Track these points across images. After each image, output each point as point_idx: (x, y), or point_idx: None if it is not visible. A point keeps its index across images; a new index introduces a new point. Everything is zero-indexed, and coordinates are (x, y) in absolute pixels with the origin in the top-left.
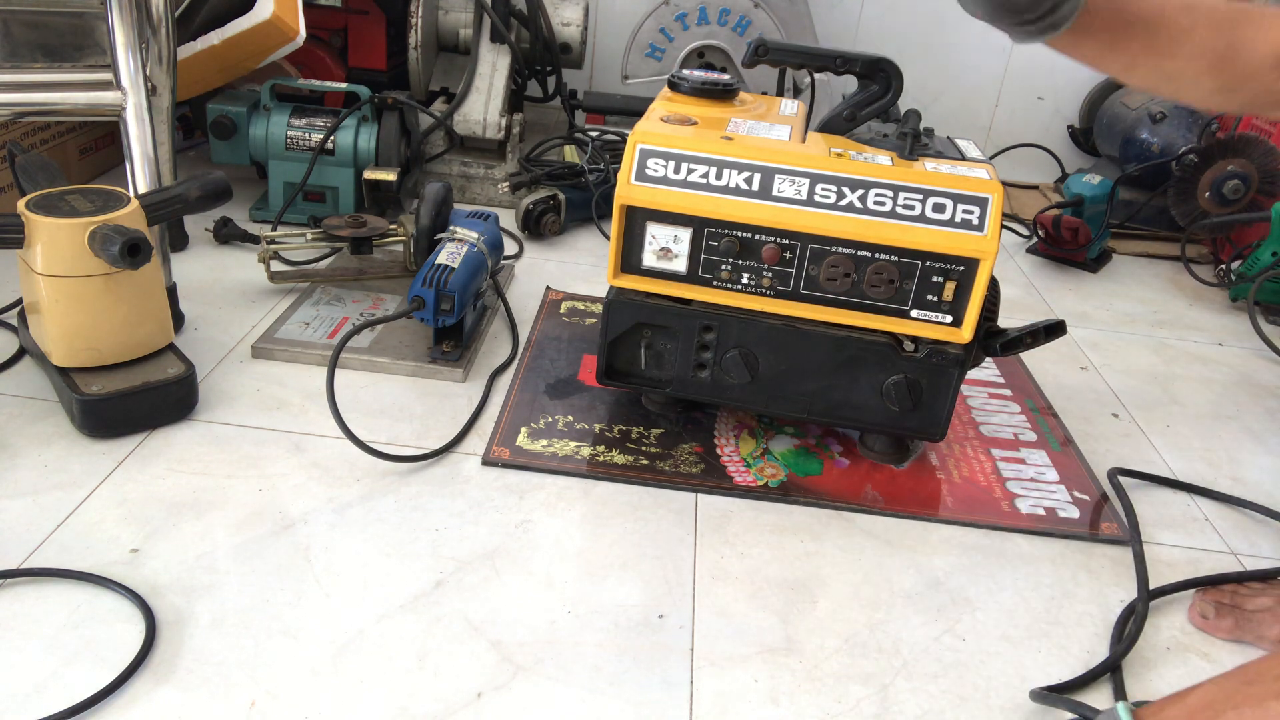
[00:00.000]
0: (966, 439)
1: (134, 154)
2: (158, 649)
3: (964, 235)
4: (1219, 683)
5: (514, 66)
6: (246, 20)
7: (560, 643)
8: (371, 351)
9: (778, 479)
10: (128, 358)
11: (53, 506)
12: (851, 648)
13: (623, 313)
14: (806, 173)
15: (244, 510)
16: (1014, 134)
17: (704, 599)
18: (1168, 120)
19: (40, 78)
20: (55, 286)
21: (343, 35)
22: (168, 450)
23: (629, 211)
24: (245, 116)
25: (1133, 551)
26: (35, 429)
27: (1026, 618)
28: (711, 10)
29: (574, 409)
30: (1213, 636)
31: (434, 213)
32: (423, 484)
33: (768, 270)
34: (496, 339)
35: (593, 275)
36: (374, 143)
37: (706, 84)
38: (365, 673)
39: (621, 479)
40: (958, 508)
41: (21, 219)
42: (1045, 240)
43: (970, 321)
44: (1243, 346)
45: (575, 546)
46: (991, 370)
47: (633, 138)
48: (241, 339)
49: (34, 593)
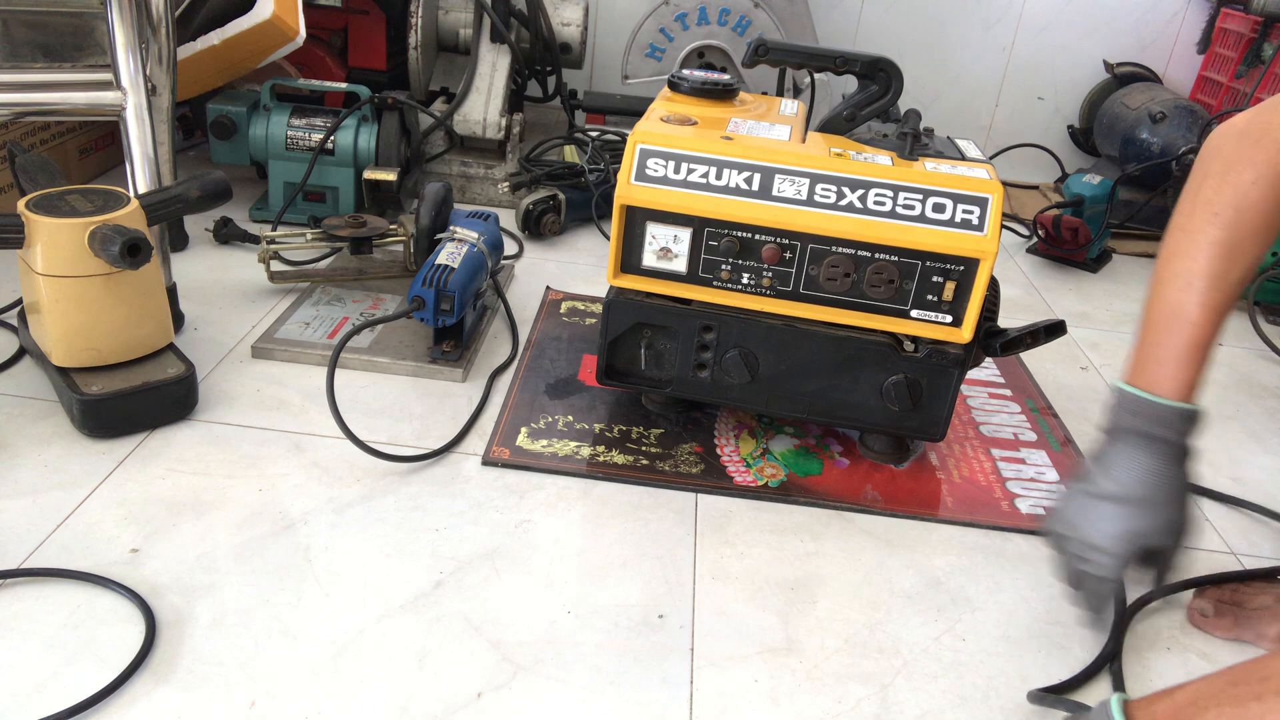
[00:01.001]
0: (966, 439)
1: (134, 154)
2: (158, 649)
3: (964, 235)
4: (1208, 680)
5: (514, 66)
6: (246, 20)
7: (560, 643)
8: (371, 351)
9: (778, 479)
10: (128, 358)
11: (53, 506)
12: (851, 648)
13: (623, 313)
14: (806, 173)
15: (244, 510)
16: (1014, 134)
17: (704, 599)
18: (1168, 120)
19: (40, 78)
20: (55, 286)
21: (343, 35)
22: (168, 450)
23: (629, 211)
24: (245, 116)
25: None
26: (35, 429)
27: (1026, 618)
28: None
29: (574, 409)
30: (1212, 635)
31: (434, 213)
32: (423, 484)
33: (768, 270)
34: (496, 339)
35: (593, 275)
36: (374, 143)
37: (706, 84)
38: (365, 673)
39: (621, 479)
40: (958, 508)
41: (21, 219)
42: (1045, 240)
43: (970, 321)
44: (1243, 346)
45: (575, 546)
46: (991, 370)
47: (633, 138)
48: (241, 339)
49: (34, 593)
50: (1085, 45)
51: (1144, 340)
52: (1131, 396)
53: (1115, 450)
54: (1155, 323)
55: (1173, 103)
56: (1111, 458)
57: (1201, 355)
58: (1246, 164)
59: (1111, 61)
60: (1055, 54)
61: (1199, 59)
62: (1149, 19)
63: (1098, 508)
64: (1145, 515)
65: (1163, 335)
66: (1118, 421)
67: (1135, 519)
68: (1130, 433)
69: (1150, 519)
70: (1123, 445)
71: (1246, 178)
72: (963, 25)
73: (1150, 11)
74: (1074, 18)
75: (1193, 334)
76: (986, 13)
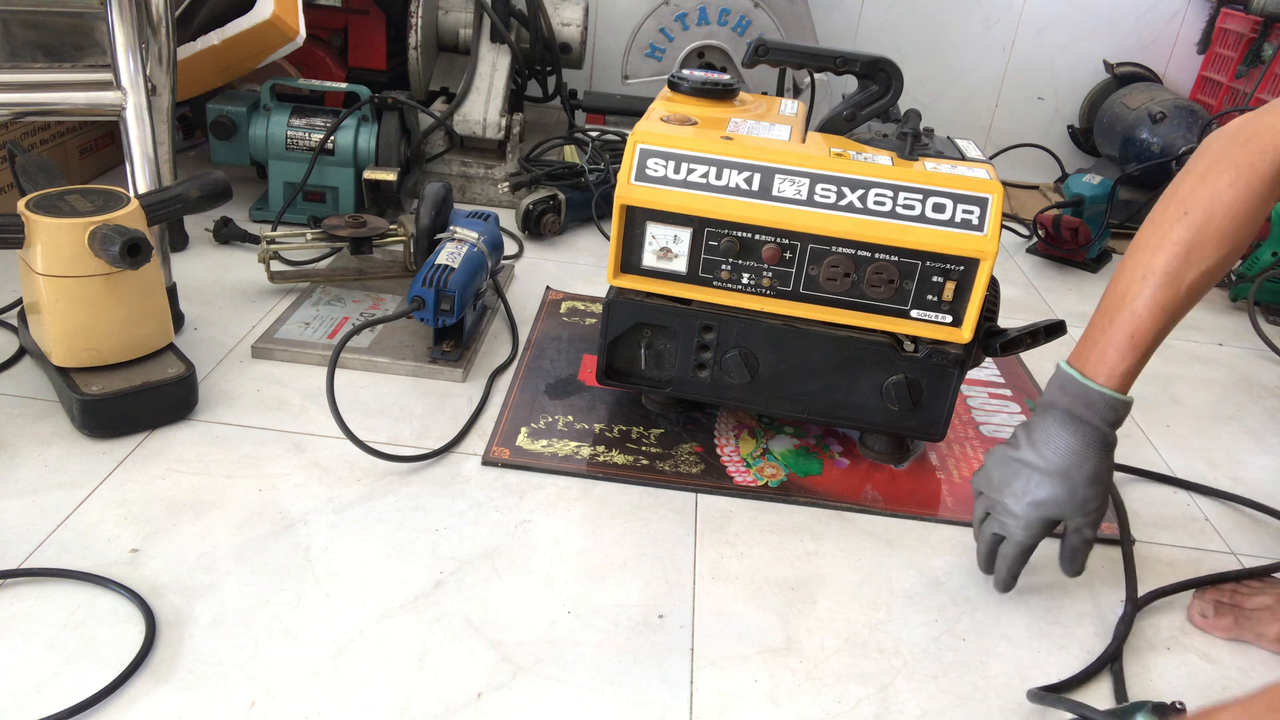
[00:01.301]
0: (966, 439)
1: (134, 154)
2: (158, 649)
3: (964, 235)
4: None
5: (514, 66)
6: (246, 20)
7: (560, 643)
8: (371, 351)
9: (778, 479)
10: (128, 358)
11: (53, 506)
12: (851, 648)
13: (623, 313)
14: (806, 173)
15: (244, 510)
16: (1014, 134)
17: (704, 599)
18: (1168, 120)
19: (40, 78)
20: (55, 286)
21: (343, 35)
22: (168, 450)
23: (629, 211)
24: (245, 116)
25: (1122, 552)
26: (35, 429)
27: (1026, 618)
28: (711, 10)
29: (574, 409)
30: (1212, 635)
31: (434, 213)
32: (423, 484)
33: (768, 270)
34: (496, 339)
35: (593, 275)
36: (374, 143)
37: (706, 84)
38: (365, 673)
39: (621, 479)
40: (958, 508)
41: (21, 219)
42: (1045, 240)
43: (970, 321)
44: (1242, 346)
45: (575, 546)
46: (991, 370)
47: (633, 138)
48: (241, 339)
49: (34, 593)
50: (1085, 45)
51: (1091, 325)
52: (1066, 375)
53: (1043, 423)
54: (1105, 310)
55: (1173, 103)
56: (1037, 429)
57: (1141, 349)
58: (1228, 165)
59: (1111, 61)
60: (1055, 54)
61: (1199, 59)
62: (1149, 19)
63: (1018, 472)
64: (1055, 486)
65: (1108, 323)
66: (1050, 397)
67: (1044, 488)
68: (1058, 409)
69: (1058, 491)
70: (1049, 419)
71: (1225, 179)
72: (963, 25)
73: (1150, 11)
74: (1074, 18)
75: (1136, 326)
76: (986, 12)
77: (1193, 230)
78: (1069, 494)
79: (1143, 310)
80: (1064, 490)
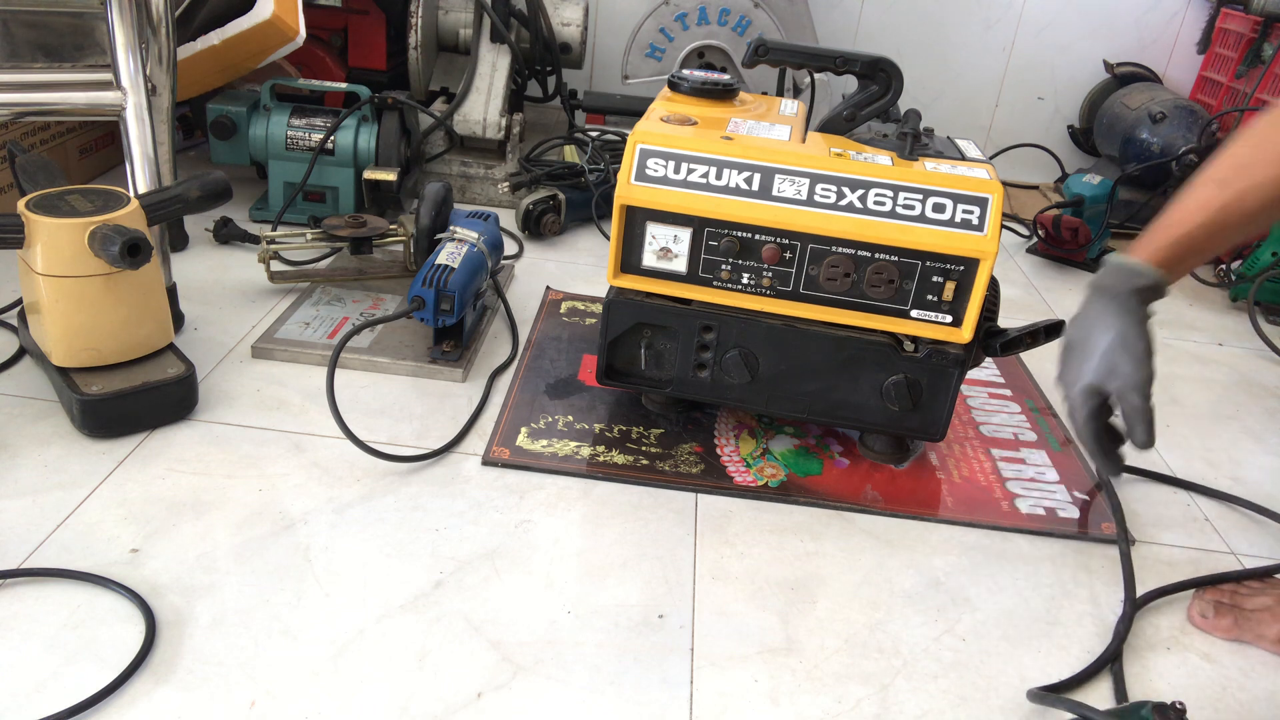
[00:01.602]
0: (966, 439)
1: (134, 154)
2: (158, 649)
3: (964, 235)
4: None
5: (514, 66)
6: (246, 20)
7: (560, 643)
8: (371, 351)
9: (778, 479)
10: (128, 358)
11: (53, 506)
12: (851, 648)
13: (623, 313)
14: (806, 173)
15: (244, 510)
16: (1014, 134)
17: (704, 599)
18: (1168, 120)
19: (40, 78)
20: (55, 286)
21: (343, 35)
22: (168, 450)
23: (629, 211)
24: (245, 116)
25: (1119, 551)
26: (35, 429)
27: (1026, 618)
28: (711, 10)
29: (574, 409)
30: (1212, 636)
31: (434, 213)
32: (423, 484)
33: (768, 270)
34: (496, 339)
35: (593, 275)
36: (374, 143)
37: (706, 84)
38: (365, 673)
39: (621, 479)
40: (958, 508)
41: (21, 219)
42: (1045, 240)
43: (970, 321)
44: (1242, 346)
45: (575, 546)
46: (991, 370)
47: (633, 138)
48: (241, 339)
49: (34, 593)
50: (1085, 45)
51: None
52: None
53: (1082, 304)
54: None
55: (1173, 103)
56: (1078, 311)
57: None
58: None
59: (1111, 61)
60: (1055, 54)
61: (1199, 59)
62: (1149, 19)
63: (1063, 354)
64: (1085, 357)
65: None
66: (1091, 281)
67: (1078, 360)
68: (1090, 288)
69: (1087, 360)
70: (1085, 299)
71: None
72: (963, 25)
73: (1150, 11)
74: (1074, 18)
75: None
76: (986, 13)
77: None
78: (1097, 360)
79: (1190, 203)
80: (1091, 358)
